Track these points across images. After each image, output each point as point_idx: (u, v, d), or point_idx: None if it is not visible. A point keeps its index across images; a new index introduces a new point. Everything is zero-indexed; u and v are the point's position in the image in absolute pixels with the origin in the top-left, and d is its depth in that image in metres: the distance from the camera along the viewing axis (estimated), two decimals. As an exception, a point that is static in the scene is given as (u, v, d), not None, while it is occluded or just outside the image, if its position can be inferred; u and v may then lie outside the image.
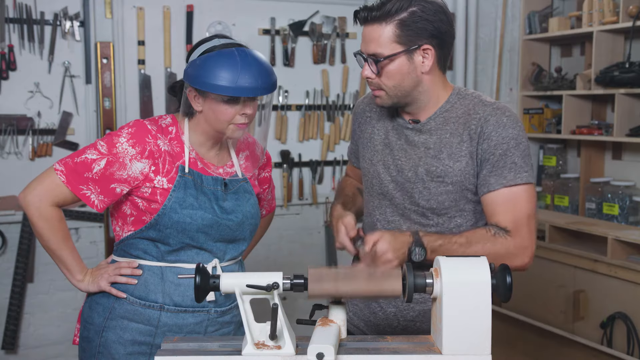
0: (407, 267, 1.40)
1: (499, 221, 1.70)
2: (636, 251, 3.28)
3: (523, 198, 1.71)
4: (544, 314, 3.67)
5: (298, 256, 3.93)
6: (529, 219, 1.71)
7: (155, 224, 1.82)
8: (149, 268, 1.87)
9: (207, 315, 1.90)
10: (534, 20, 4.10)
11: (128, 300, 1.87)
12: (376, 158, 1.87)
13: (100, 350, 1.87)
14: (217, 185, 1.89)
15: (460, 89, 1.82)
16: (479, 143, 1.72)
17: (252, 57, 1.79)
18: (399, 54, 1.68)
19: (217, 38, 1.85)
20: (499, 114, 1.72)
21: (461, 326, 1.35)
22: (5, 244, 3.31)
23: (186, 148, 1.87)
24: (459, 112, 1.77)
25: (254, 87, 1.76)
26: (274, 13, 3.76)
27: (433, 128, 1.78)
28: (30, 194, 1.82)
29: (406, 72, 1.71)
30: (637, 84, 3.41)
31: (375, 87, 1.75)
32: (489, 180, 1.71)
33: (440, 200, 1.76)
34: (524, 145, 1.72)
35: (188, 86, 1.82)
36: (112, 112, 3.43)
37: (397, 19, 1.67)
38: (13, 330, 3.29)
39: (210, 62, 1.76)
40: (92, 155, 1.81)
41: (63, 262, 1.89)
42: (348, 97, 3.95)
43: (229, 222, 1.88)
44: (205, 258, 1.88)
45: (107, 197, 1.82)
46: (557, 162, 4.14)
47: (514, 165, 1.70)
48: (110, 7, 3.40)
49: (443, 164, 1.75)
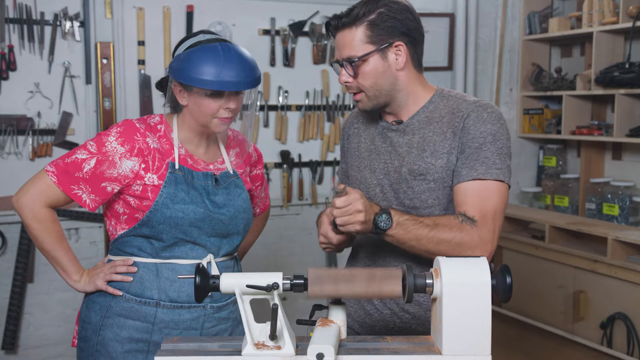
0: (407, 267, 1.40)
1: (467, 210, 1.70)
2: (636, 252, 3.27)
3: (493, 193, 1.70)
4: (544, 315, 3.67)
5: (298, 256, 3.93)
6: (496, 215, 1.70)
7: (148, 221, 1.83)
8: (143, 265, 1.88)
9: (203, 311, 1.91)
10: (534, 20, 4.11)
11: (124, 297, 1.88)
12: (363, 164, 1.90)
13: (98, 349, 1.88)
14: (207, 180, 1.91)
15: (444, 90, 1.85)
16: (460, 137, 1.74)
17: (236, 52, 1.81)
18: (372, 53, 1.73)
19: (202, 33, 1.87)
20: (481, 110, 1.74)
21: (461, 326, 1.35)
22: (5, 244, 3.31)
23: (175, 145, 1.89)
24: (442, 112, 1.79)
25: (237, 81, 1.79)
26: (274, 13, 3.76)
27: (416, 127, 1.80)
28: (23, 196, 1.84)
29: (381, 70, 1.75)
30: (637, 85, 3.41)
31: (354, 90, 1.80)
32: (461, 171, 1.72)
33: (423, 199, 1.78)
34: (501, 143, 1.72)
35: (173, 80, 1.85)
36: (112, 112, 3.43)
37: (367, 21, 1.73)
38: (13, 331, 3.29)
39: (194, 56, 1.79)
40: (82, 155, 1.83)
41: (59, 263, 1.90)
42: (348, 98, 3.95)
43: (221, 216, 1.89)
44: (200, 253, 1.89)
45: (98, 196, 1.84)
46: (557, 162, 4.14)
47: (487, 160, 1.70)
48: (110, 7, 3.40)
49: (425, 161, 1.76)
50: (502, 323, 3.70)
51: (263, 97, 3.76)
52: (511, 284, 1.36)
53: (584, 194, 3.86)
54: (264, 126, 3.80)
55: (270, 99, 3.79)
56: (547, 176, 4.17)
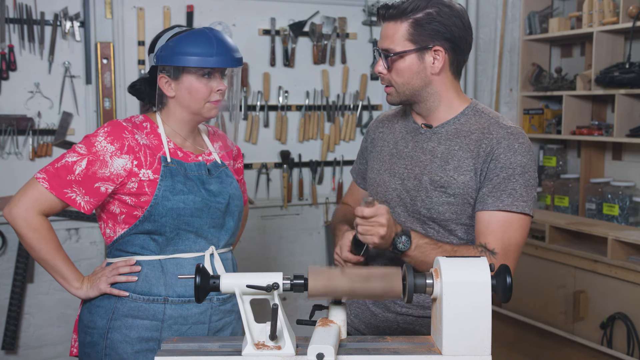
0: (407, 267, 1.40)
1: (488, 242, 1.69)
2: (636, 252, 3.28)
3: (516, 226, 1.70)
4: (544, 315, 3.67)
5: (298, 256, 3.93)
6: (516, 249, 1.71)
7: (150, 216, 1.83)
8: (148, 263, 1.87)
9: (210, 304, 1.92)
10: (534, 20, 4.10)
11: (131, 297, 1.86)
12: (383, 167, 1.89)
13: (107, 352, 1.86)
14: (201, 170, 1.93)
15: (478, 105, 1.83)
16: (486, 162, 1.72)
17: (222, 34, 1.91)
18: (410, 52, 1.72)
19: (178, 27, 1.93)
20: (512, 139, 1.72)
21: (461, 326, 1.35)
22: (5, 244, 3.31)
23: (164, 139, 1.91)
24: (472, 127, 1.77)
25: (230, 58, 1.87)
26: (274, 13, 3.76)
27: (443, 137, 1.79)
28: (15, 207, 1.80)
29: (416, 71, 1.74)
30: (637, 85, 3.41)
31: (386, 83, 1.80)
32: (487, 199, 1.71)
33: (441, 211, 1.76)
34: (529, 175, 1.71)
35: (160, 73, 1.87)
36: (112, 112, 3.43)
37: (412, 18, 1.70)
38: (13, 331, 3.29)
39: (184, 41, 1.85)
40: (72, 158, 1.81)
41: (58, 271, 1.87)
42: (348, 98, 3.95)
43: (217, 204, 1.91)
44: (202, 246, 1.90)
45: (92, 197, 1.83)
46: (557, 162, 4.14)
47: (514, 192, 1.69)
48: (110, 7, 3.40)
49: (447, 174, 1.75)
50: (502, 323, 3.70)
51: (263, 97, 3.77)
52: (511, 284, 1.36)
53: (584, 194, 3.86)
54: (264, 126, 3.80)
55: (270, 99, 3.79)
56: (547, 176, 4.16)
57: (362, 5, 3.93)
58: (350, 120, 3.95)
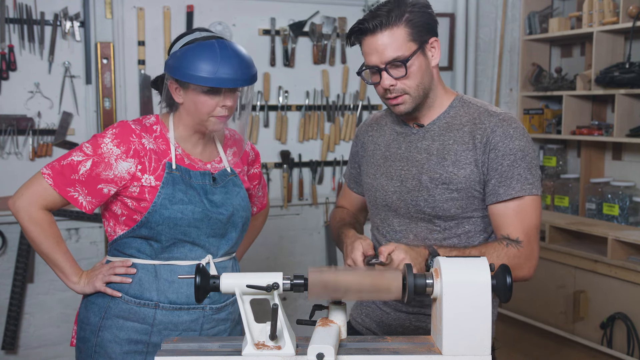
0: (407, 267, 1.40)
1: (510, 233, 1.71)
2: (636, 252, 3.27)
3: (531, 209, 1.72)
4: (544, 315, 3.67)
5: (298, 256, 3.93)
6: (536, 230, 1.74)
7: (147, 222, 1.83)
8: (142, 266, 1.88)
9: (202, 313, 1.90)
10: (534, 20, 4.10)
11: (123, 299, 1.87)
12: (379, 172, 1.88)
13: (97, 350, 1.88)
14: (205, 180, 1.90)
15: (463, 96, 1.84)
16: (485, 152, 1.73)
17: (232, 49, 1.80)
18: (417, 51, 1.71)
19: (198, 31, 1.87)
20: (506, 125, 1.73)
21: (461, 326, 1.35)
22: (5, 244, 3.31)
23: (172, 144, 1.88)
24: (463, 119, 1.78)
25: (233, 78, 1.77)
26: (274, 13, 3.76)
27: (436, 133, 1.79)
28: (20, 199, 1.83)
29: (424, 68, 1.74)
30: (637, 85, 3.41)
31: (398, 93, 1.73)
32: (498, 190, 1.72)
33: (446, 208, 1.76)
34: (530, 157, 1.73)
35: (169, 78, 1.84)
36: (112, 112, 3.43)
37: (404, 19, 1.69)
38: (13, 331, 3.29)
39: (191, 54, 1.78)
40: (78, 157, 1.82)
41: (57, 265, 1.89)
42: (348, 98, 3.95)
43: (219, 215, 1.88)
44: (199, 254, 1.89)
45: (94, 198, 1.83)
46: (557, 162, 4.14)
47: (520, 177, 1.71)
48: (110, 7, 3.40)
49: (447, 170, 1.75)
50: (502, 323, 3.69)
51: (263, 97, 3.76)
52: (511, 284, 1.36)
53: (584, 194, 3.86)
54: (264, 126, 3.80)
55: (270, 99, 3.79)
56: (547, 176, 4.16)
57: (362, 5, 3.93)
58: (350, 120, 3.95)
